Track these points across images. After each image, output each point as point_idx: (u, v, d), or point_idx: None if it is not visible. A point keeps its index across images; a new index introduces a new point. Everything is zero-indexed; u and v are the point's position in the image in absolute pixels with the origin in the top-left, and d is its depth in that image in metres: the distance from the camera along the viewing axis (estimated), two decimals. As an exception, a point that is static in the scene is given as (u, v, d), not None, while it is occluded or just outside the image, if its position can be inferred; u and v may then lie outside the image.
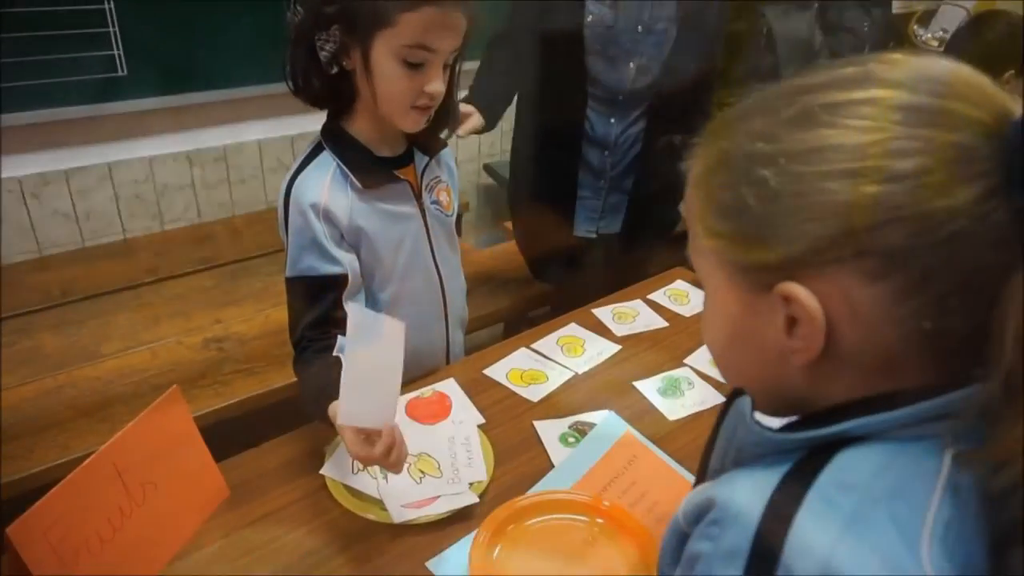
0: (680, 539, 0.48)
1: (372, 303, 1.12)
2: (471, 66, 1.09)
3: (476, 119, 1.49)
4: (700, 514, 0.46)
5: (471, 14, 0.97)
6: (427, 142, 1.13)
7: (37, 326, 1.66)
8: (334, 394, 0.87)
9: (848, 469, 0.42)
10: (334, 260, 1.02)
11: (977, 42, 1.99)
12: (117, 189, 2.01)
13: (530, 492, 0.96)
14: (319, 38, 0.95)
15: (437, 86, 0.97)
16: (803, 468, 0.43)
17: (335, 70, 0.97)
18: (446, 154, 1.20)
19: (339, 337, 1.00)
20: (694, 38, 1.56)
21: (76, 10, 1.74)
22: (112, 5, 1.78)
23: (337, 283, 1.03)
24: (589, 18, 1.52)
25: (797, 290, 0.42)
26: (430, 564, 0.85)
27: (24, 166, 1.85)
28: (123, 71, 1.86)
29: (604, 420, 1.10)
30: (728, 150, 0.46)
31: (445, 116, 1.09)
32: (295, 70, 1.00)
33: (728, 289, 0.48)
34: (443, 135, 1.14)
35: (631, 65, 1.57)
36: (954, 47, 2.09)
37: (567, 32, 1.54)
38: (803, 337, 0.44)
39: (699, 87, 1.63)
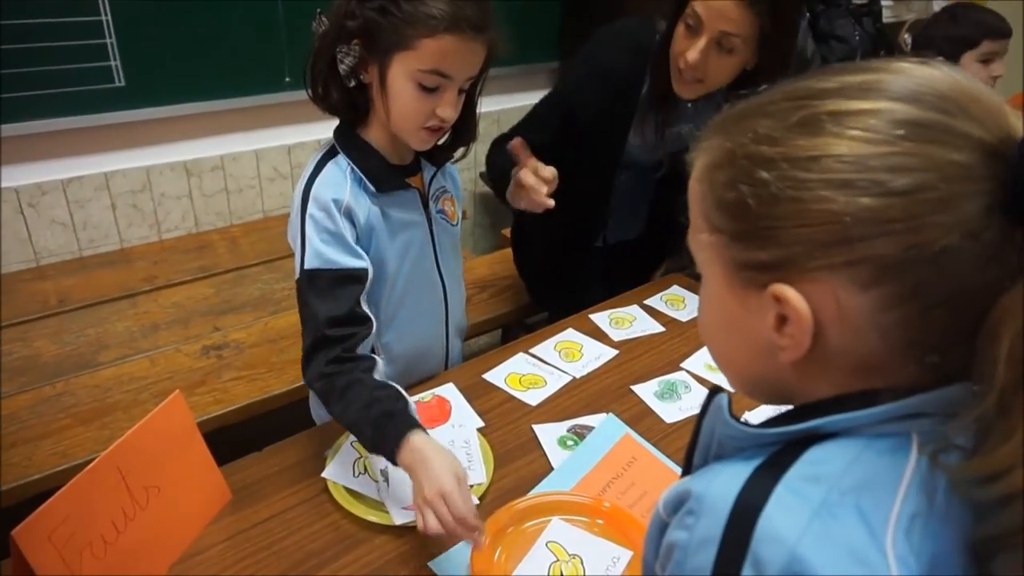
0: (660, 529, 0.49)
1: (373, 307, 1.12)
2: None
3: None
4: (678, 505, 0.47)
5: (492, 42, 0.99)
6: (436, 153, 1.14)
7: (35, 335, 1.66)
8: (403, 426, 0.87)
9: (817, 463, 0.43)
10: (358, 255, 1.03)
11: (948, 28, 2.07)
12: (114, 199, 2.01)
13: (531, 494, 0.97)
14: (340, 50, 0.97)
15: (449, 112, 0.99)
16: (775, 461, 0.44)
17: (353, 83, 0.99)
18: (450, 165, 1.21)
19: (377, 360, 0.99)
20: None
21: (74, 22, 1.76)
22: (109, 17, 1.80)
23: (360, 278, 1.02)
24: (632, 138, 1.51)
25: (788, 292, 0.44)
26: (432, 564, 0.86)
27: (21, 176, 1.86)
28: (120, 82, 1.87)
29: (604, 422, 1.11)
30: (732, 149, 0.46)
31: (464, 134, 1.11)
32: (315, 78, 1.01)
33: (723, 281, 0.49)
34: (458, 153, 1.16)
35: (661, 151, 1.58)
36: (927, 37, 2.14)
37: (607, 148, 1.53)
38: (791, 335, 0.45)
39: None
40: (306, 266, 1.00)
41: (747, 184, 0.45)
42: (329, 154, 1.07)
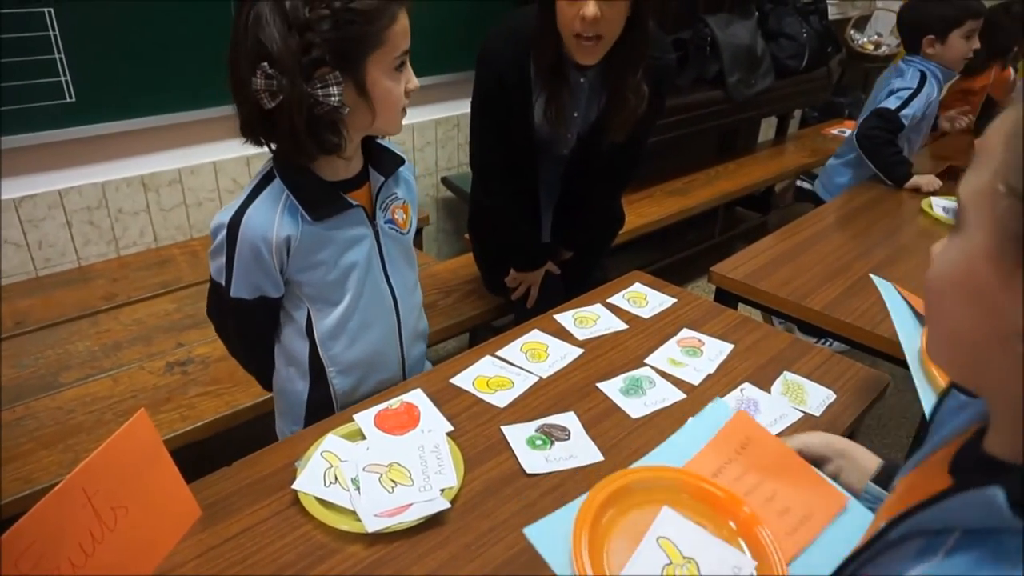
0: None
1: (321, 323, 1.15)
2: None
3: None
4: None
5: (409, 5, 1.03)
6: (383, 162, 1.15)
7: (-8, 358, 1.63)
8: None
9: None
10: (280, 287, 1.11)
11: (938, 7, 2.20)
12: (69, 216, 1.98)
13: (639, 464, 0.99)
14: (314, 89, 0.93)
15: (415, 79, 1.05)
16: None
17: (347, 110, 0.97)
18: (405, 170, 1.21)
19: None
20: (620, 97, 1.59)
21: (19, 37, 1.72)
22: (57, 32, 1.77)
23: (279, 303, 1.15)
24: (537, 119, 1.60)
25: None
26: (527, 530, 0.89)
27: (-29, 196, 1.82)
28: (71, 97, 1.84)
29: (712, 407, 1.12)
30: None
31: None
32: (300, 142, 0.96)
33: (989, 249, 0.43)
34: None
35: (569, 136, 1.66)
36: (914, 19, 2.27)
37: (520, 137, 1.63)
38: None
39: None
40: (233, 292, 1.08)
41: None
42: (267, 178, 1.06)
